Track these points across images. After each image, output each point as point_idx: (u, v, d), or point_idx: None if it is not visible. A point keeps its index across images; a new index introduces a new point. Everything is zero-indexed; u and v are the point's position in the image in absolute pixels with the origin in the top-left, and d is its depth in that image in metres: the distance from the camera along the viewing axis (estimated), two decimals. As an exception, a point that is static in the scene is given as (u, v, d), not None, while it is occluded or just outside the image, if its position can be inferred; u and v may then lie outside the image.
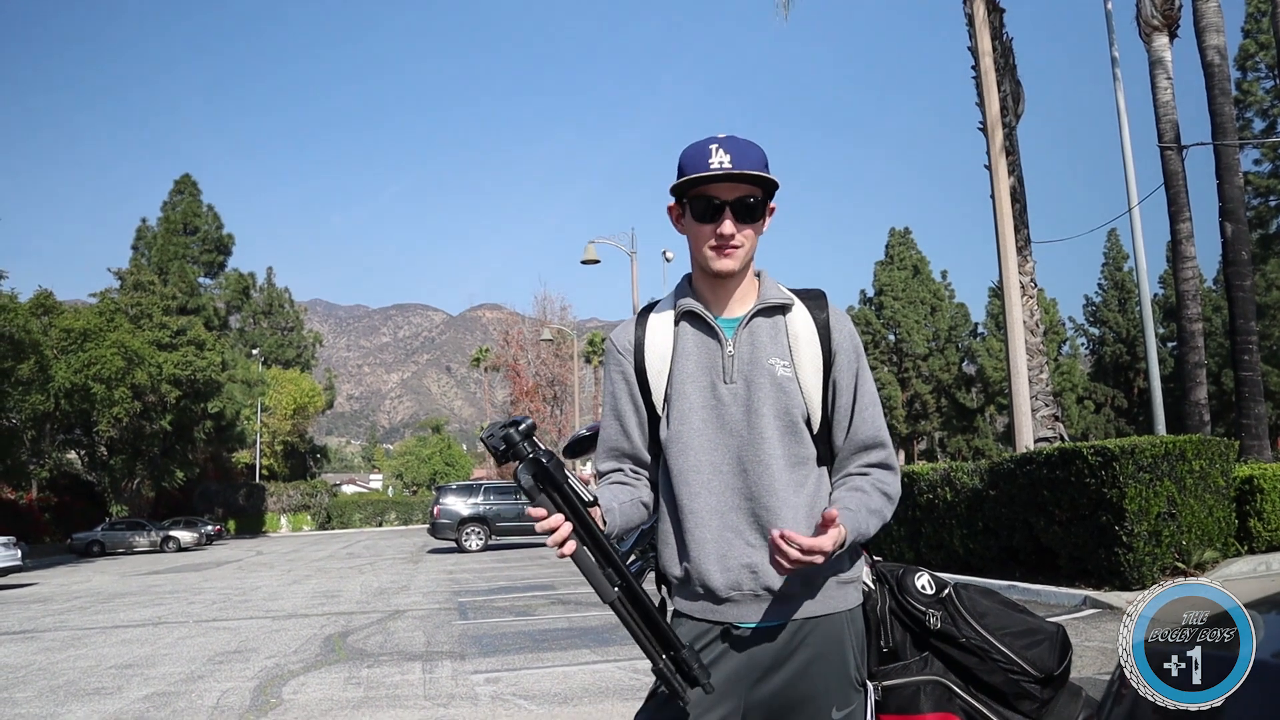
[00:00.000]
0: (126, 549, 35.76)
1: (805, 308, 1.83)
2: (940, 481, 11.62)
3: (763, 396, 1.75)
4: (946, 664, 1.74)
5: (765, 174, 1.72)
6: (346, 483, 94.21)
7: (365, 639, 9.33)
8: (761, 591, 1.70)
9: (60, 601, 15.73)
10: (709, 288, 1.83)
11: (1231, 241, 14.73)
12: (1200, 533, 9.06)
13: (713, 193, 1.72)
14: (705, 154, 1.71)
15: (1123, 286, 54.27)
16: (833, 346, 1.80)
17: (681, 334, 1.83)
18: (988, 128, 14.42)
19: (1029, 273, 14.85)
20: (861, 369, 1.83)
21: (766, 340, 1.79)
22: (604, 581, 1.58)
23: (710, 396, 1.77)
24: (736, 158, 1.70)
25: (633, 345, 1.86)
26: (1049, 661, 1.72)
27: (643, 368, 1.83)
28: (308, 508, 58.11)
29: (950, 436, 55.54)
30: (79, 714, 6.31)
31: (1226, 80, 15.31)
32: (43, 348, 32.19)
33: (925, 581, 1.79)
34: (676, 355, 1.82)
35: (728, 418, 1.76)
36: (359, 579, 17.41)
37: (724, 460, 1.75)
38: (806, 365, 1.78)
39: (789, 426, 1.75)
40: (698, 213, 1.75)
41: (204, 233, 56.58)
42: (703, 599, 1.75)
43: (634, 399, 1.85)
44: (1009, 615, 1.77)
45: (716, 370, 1.78)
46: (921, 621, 1.75)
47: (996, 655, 1.71)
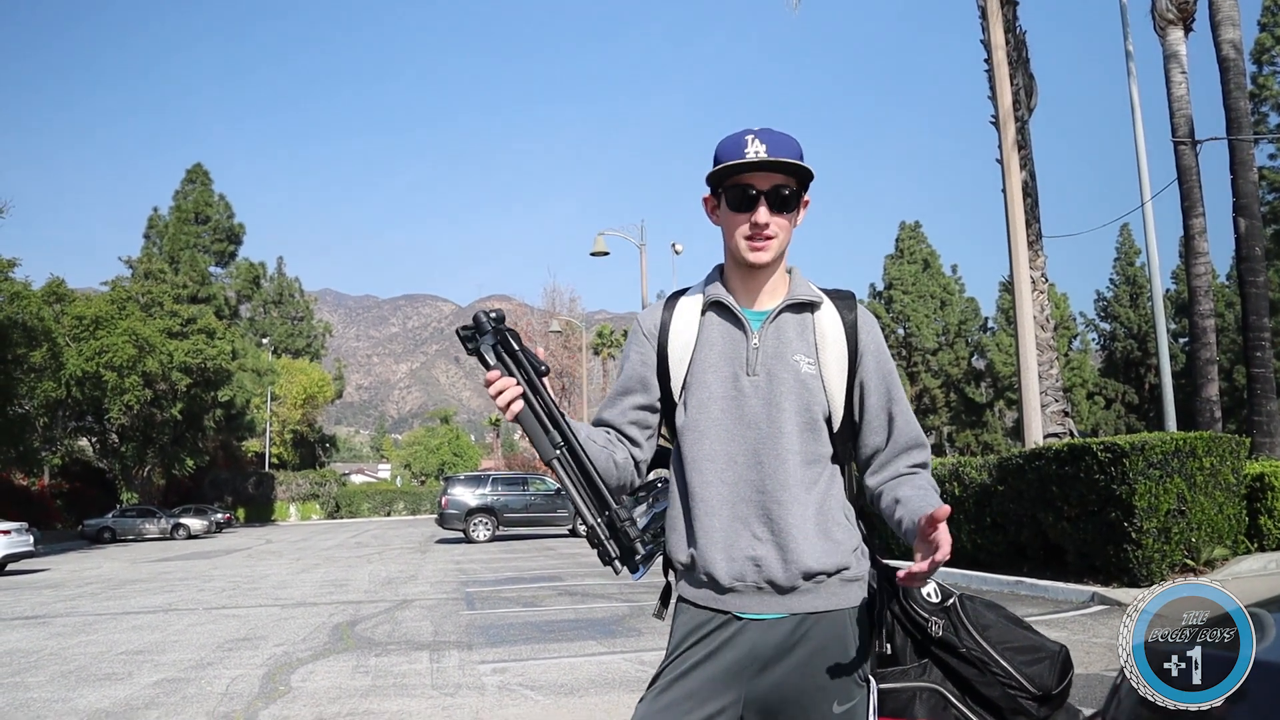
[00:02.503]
0: (137, 536, 35.99)
1: (834, 307, 1.83)
2: (949, 476, 11.60)
3: (785, 391, 1.75)
4: (945, 673, 1.74)
5: (801, 163, 1.72)
6: (355, 472, 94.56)
7: (373, 628, 9.38)
8: (764, 584, 1.71)
9: (72, 587, 15.85)
10: (740, 279, 1.83)
11: (1245, 237, 14.64)
12: (1210, 530, 9.03)
13: (748, 181, 1.73)
14: (741, 144, 1.72)
15: (1134, 282, 53.95)
16: (859, 347, 1.80)
17: (707, 323, 1.83)
18: (1000, 121, 14.35)
19: (1040, 267, 14.79)
20: (890, 371, 1.84)
21: (793, 336, 1.79)
22: (545, 441, 1.66)
23: (732, 387, 1.77)
24: (772, 147, 1.71)
25: (658, 327, 1.86)
26: (1048, 680, 1.70)
27: (665, 351, 1.83)
28: (317, 497, 58.34)
29: (959, 431, 55.39)
30: (90, 699, 6.36)
31: (1242, 75, 15.20)
32: (55, 335, 32.34)
33: (931, 589, 1.78)
34: (700, 343, 1.82)
35: (747, 410, 1.76)
36: (367, 568, 17.49)
37: (740, 451, 1.75)
38: (831, 364, 1.78)
39: (809, 423, 1.75)
40: (733, 202, 1.75)
41: (215, 222, 56.65)
42: (706, 587, 1.75)
43: (646, 382, 1.86)
44: (1012, 630, 1.75)
45: (740, 362, 1.78)
46: (924, 628, 1.74)
47: (996, 669, 1.70)
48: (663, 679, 1.72)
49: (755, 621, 1.71)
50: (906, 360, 56.01)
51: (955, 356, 55.07)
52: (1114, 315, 54.81)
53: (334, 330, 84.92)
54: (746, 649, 1.70)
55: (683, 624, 1.77)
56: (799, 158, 1.73)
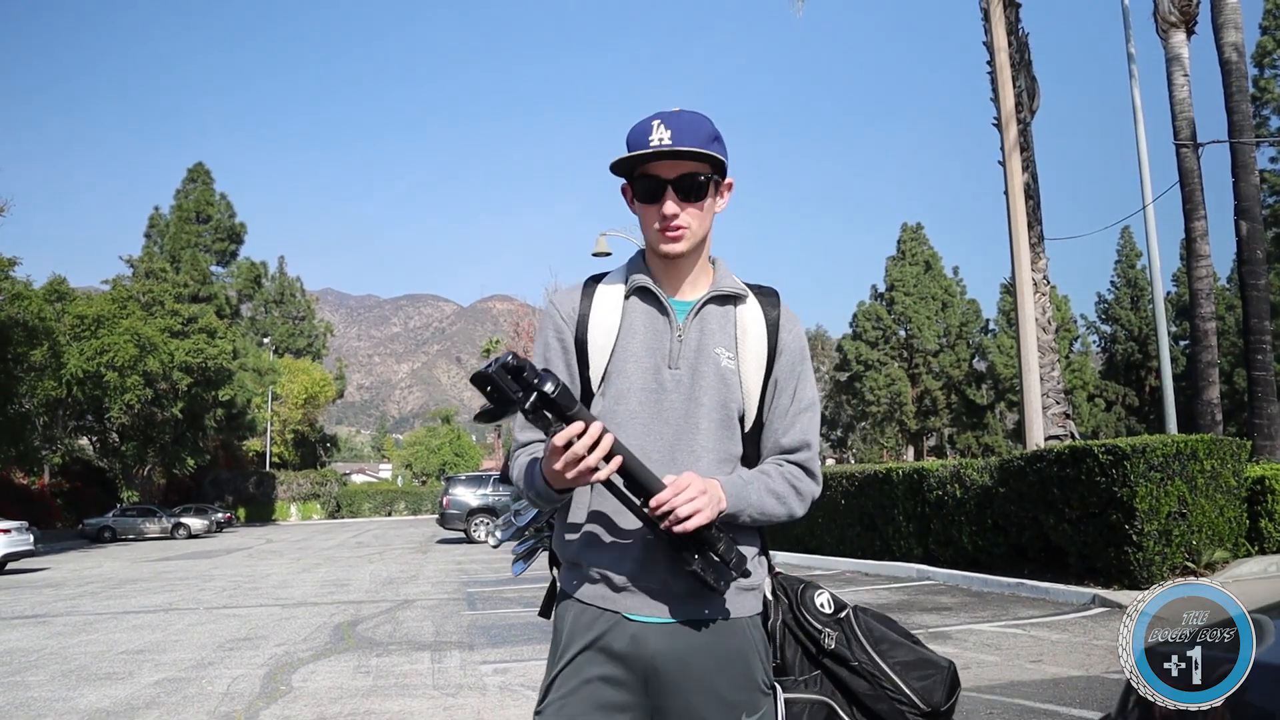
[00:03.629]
0: (137, 535, 36.01)
1: (758, 303, 1.76)
2: (950, 478, 11.60)
3: (705, 386, 1.68)
4: (836, 685, 1.70)
5: (705, 150, 1.62)
6: (356, 472, 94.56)
7: (374, 628, 9.38)
8: (659, 586, 1.62)
9: (72, 587, 15.86)
10: (661, 269, 1.75)
11: (1246, 240, 14.63)
12: (1211, 532, 9.03)
13: (655, 171, 1.65)
14: (647, 131, 1.63)
15: (1135, 284, 53.93)
16: (779, 345, 1.74)
17: (630, 309, 1.74)
18: (1002, 123, 14.37)
19: (1042, 269, 14.80)
20: (804, 374, 1.77)
21: (716, 329, 1.72)
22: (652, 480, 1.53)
23: (652, 380, 1.69)
24: (678, 133, 1.61)
25: (576, 315, 1.75)
26: (937, 696, 1.67)
27: (584, 340, 1.73)
28: (317, 496, 58.36)
29: (960, 433, 55.33)
30: (91, 698, 6.37)
31: (1244, 78, 15.18)
32: (56, 334, 32.35)
33: (825, 600, 1.74)
34: (623, 331, 1.73)
35: (666, 404, 1.68)
36: (368, 568, 17.50)
37: (654, 447, 1.65)
38: (750, 360, 1.72)
39: (725, 420, 1.69)
40: (641, 193, 1.69)
41: (216, 221, 56.66)
42: (600, 584, 1.65)
43: (570, 369, 1.75)
44: (904, 645, 1.72)
45: (663, 353, 1.70)
46: (816, 639, 1.70)
47: (886, 684, 1.67)
48: (557, 690, 1.63)
49: (653, 626, 1.62)
50: (908, 362, 56.00)
51: (956, 358, 55.02)
52: (1115, 318, 54.79)
53: (335, 330, 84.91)
54: (641, 653, 1.61)
55: (570, 624, 1.67)
56: (711, 141, 1.65)
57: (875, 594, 10.37)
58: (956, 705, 1.72)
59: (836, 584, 11.56)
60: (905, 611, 8.87)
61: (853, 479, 14.08)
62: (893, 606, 9.24)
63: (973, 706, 5.08)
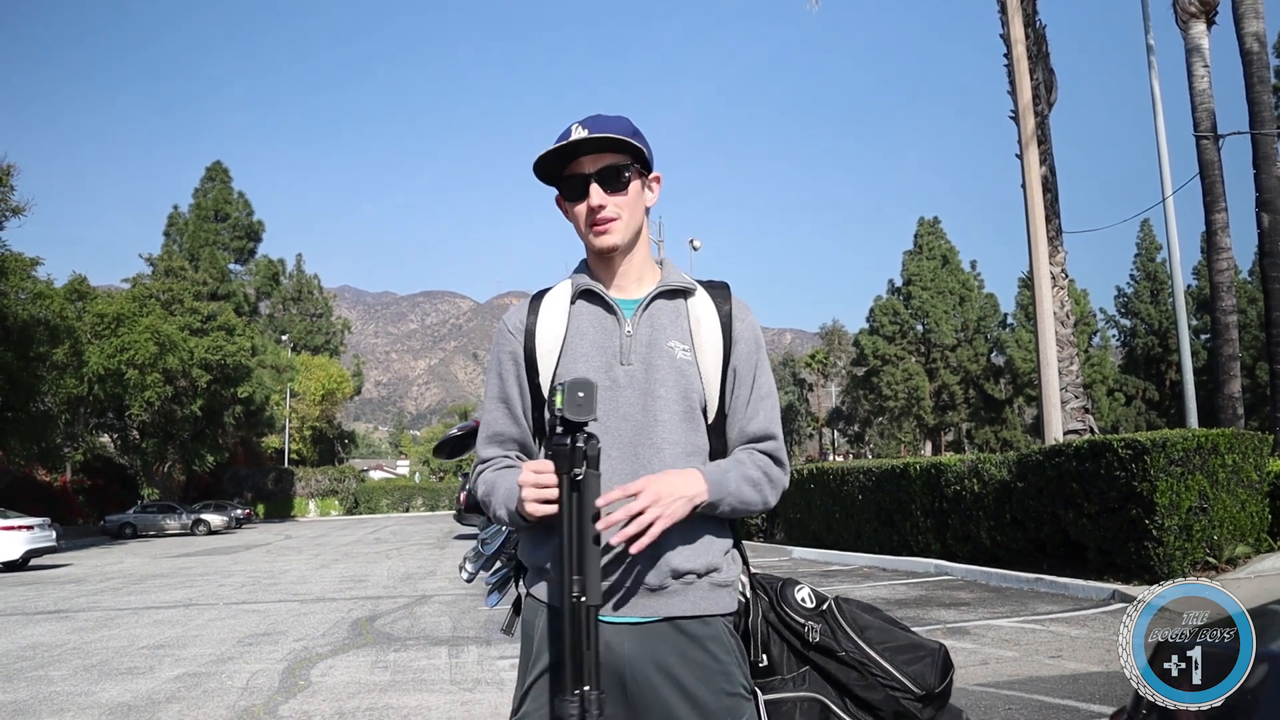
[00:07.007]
0: (158, 531, 36.34)
1: (709, 296, 1.76)
2: (968, 473, 11.56)
3: (661, 379, 1.66)
4: (825, 679, 1.68)
5: (621, 137, 1.65)
6: (374, 468, 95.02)
7: (392, 623, 9.44)
8: (629, 585, 1.60)
9: (93, 582, 16.01)
10: (604, 270, 1.75)
11: (1268, 232, 14.49)
12: (1232, 527, 8.95)
13: (577, 169, 1.68)
14: (566, 134, 1.67)
15: (1155, 277, 53.54)
16: (734, 335, 1.73)
17: (577, 313, 1.73)
18: (1019, 116, 14.27)
19: (1060, 263, 14.69)
20: (761, 363, 1.76)
21: (667, 323, 1.71)
22: None
23: (605, 378, 1.66)
24: (595, 128, 1.65)
25: (523, 328, 1.74)
26: (930, 679, 1.66)
27: (533, 350, 1.72)
28: (336, 493, 58.72)
29: (978, 428, 55.10)
30: (112, 693, 6.44)
31: (1265, 68, 15.05)
32: (77, 333, 32.62)
33: (806, 594, 1.72)
34: (570, 335, 1.71)
35: (622, 401, 1.66)
36: (386, 564, 17.58)
37: (613, 445, 1.63)
38: (707, 350, 1.70)
39: (687, 411, 1.67)
40: (568, 192, 1.70)
41: (235, 219, 57.07)
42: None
43: (520, 381, 1.74)
44: (890, 631, 1.70)
45: (613, 351, 1.69)
46: (801, 634, 1.68)
47: (876, 670, 1.65)
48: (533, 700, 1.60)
49: (624, 627, 1.59)
50: (925, 356, 55.78)
51: (974, 352, 54.78)
52: (1134, 311, 54.43)
53: (353, 327, 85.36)
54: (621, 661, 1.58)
55: (540, 631, 1.64)
56: (631, 133, 1.67)
57: (893, 589, 10.34)
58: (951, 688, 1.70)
59: (854, 579, 11.54)
60: (923, 607, 8.85)
61: (870, 474, 14.04)
62: (910, 602, 9.22)
63: (991, 702, 5.06)
